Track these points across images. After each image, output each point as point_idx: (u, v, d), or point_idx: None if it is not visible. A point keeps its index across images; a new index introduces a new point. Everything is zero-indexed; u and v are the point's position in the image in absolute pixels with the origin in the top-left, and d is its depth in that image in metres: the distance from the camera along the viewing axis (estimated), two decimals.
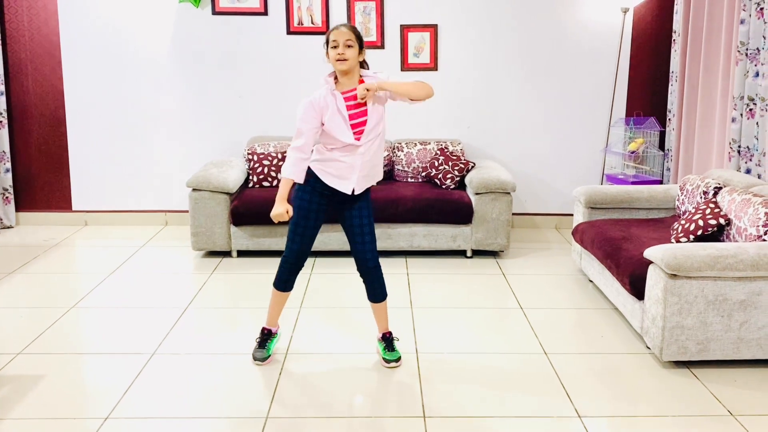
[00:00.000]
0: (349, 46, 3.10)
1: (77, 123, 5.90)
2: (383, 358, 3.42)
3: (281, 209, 3.20)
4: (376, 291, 3.40)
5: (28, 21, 5.72)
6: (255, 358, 3.42)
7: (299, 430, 2.83)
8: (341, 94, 3.16)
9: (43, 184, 6.00)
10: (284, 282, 3.41)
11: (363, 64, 3.26)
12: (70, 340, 3.71)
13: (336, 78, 3.20)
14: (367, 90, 3.11)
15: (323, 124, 3.15)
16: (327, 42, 3.16)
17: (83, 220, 6.05)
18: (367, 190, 3.34)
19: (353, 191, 3.24)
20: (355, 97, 3.16)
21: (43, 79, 5.82)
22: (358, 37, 3.14)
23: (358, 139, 3.15)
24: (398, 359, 3.41)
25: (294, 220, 3.28)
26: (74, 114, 5.88)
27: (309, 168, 3.24)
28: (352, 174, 3.20)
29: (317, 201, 3.26)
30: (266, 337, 3.48)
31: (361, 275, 3.39)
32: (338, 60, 3.10)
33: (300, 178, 3.20)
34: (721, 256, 3.25)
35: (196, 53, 5.81)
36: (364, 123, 3.17)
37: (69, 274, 4.82)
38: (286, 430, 2.83)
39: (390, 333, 3.49)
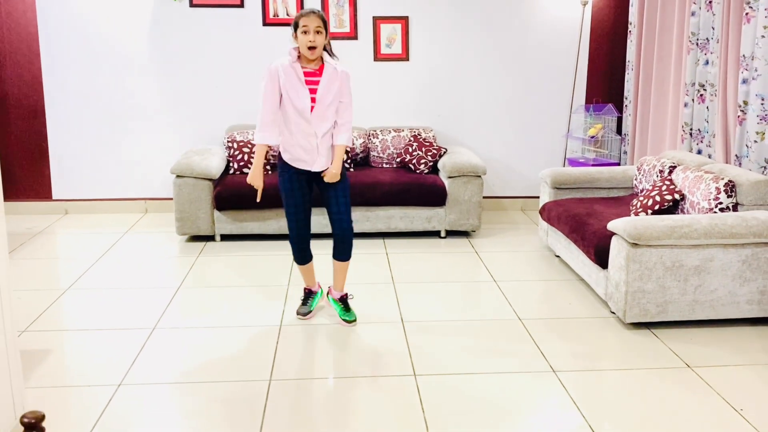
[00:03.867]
0: (318, 33, 3.42)
1: (56, 113, 6.00)
2: (343, 319, 3.80)
3: (257, 180, 3.55)
4: (345, 250, 3.74)
5: (5, 13, 5.80)
6: (298, 313, 3.84)
7: (302, 390, 3.07)
8: (303, 67, 3.50)
9: (24, 173, 6.09)
10: (301, 257, 3.79)
11: (326, 48, 3.58)
12: (71, 318, 3.88)
13: (299, 54, 3.51)
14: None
15: (281, 92, 3.47)
16: (296, 25, 3.45)
17: (63, 209, 6.16)
18: (343, 171, 3.67)
19: (320, 169, 3.59)
20: (312, 74, 3.48)
21: (21, 70, 5.91)
22: (326, 24, 3.46)
23: (311, 111, 3.47)
24: (355, 320, 3.80)
25: (284, 203, 3.64)
26: (53, 104, 5.99)
27: (278, 156, 3.62)
28: (310, 153, 3.53)
29: (296, 179, 3.61)
30: (308, 295, 3.92)
31: (335, 236, 3.71)
32: (309, 47, 3.42)
33: (273, 140, 3.51)
34: (677, 226, 3.60)
35: (174, 44, 5.97)
36: (313, 100, 3.48)
37: (58, 260, 4.96)
38: (289, 390, 3.07)
39: (346, 295, 3.88)
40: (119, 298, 4.16)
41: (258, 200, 3.74)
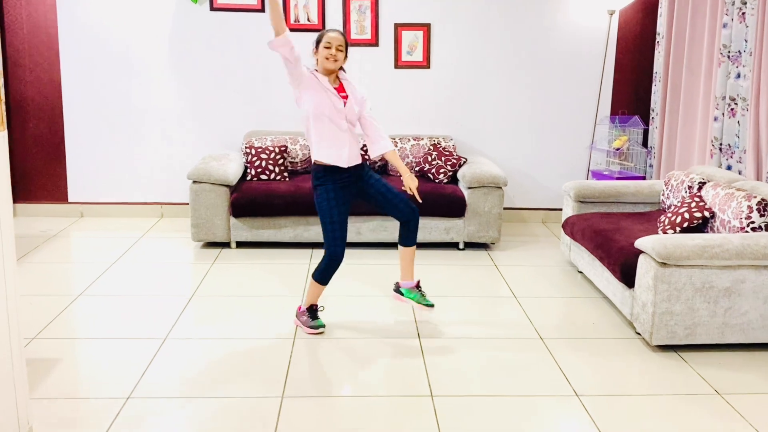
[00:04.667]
0: (339, 50, 3.48)
1: (74, 115, 5.96)
2: (424, 304, 3.79)
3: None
4: (415, 234, 3.77)
5: (26, 14, 5.77)
6: (314, 327, 3.72)
7: (315, 409, 2.97)
8: (328, 82, 3.54)
9: (40, 175, 6.06)
10: (329, 277, 3.70)
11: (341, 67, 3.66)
12: (82, 326, 3.81)
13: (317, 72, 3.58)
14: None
15: (302, 91, 3.49)
16: (319, 41, 3.51)
17: (79, 212, 6.12)
18: (367, 168, 3.71)
19: (350, 165, 3.58)
20: (337, 89, 3.55)
21: (40, 71, 5.88)
22: (347, 46, 3.55)
23: (345, 106, 3.52)
24: (433, 305, 3.82)
25: (326, 217, 3.56)
26: (71, 106, 5.95)
27: (316, 165, 3.59)
28: (343, 147, 3.53)
29: (340, 190, 3.57)
30: (315, 311, 3.80)
31: (407, 221, 3.73)
32: (329, 59, 3.47)
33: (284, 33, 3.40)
34: (708, 246, 3.46)
35: (194, 48, 5.91)
36: (345, 98, 3.55)
37: (71, 264, 4.91)
38: (302, 408, 2.97)
39: (419, 282, 3.87)
40: (131, 306, 4.09)
41: None
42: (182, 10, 5.84)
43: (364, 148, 5.37)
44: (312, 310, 3.78)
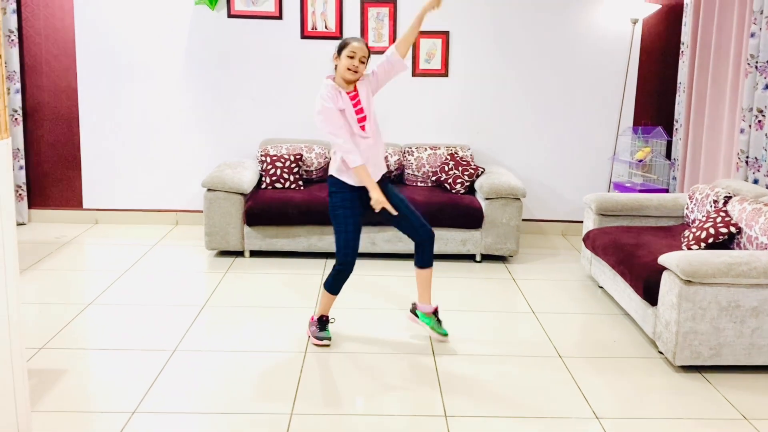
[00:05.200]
0: (362, 62, 3.42)
1: (90, 121, 5.94)
2: (438, 332, 3.72)
3: (381, 195, 3.44)
4: (431, 255, 3.68)
5: (44, 19, 5.76)
6: (319, 339, 3.63)
7: (324, 427, 2.88)
8: (346, 95, 3.48)
9: (55, 181, 6.04)
10: (340, 286, 3.63)
11: None
12: (90, 336, 3.75)
13: (333, 79, 3.50)
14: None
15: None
16: (342, 48, 3.43)
17: (94, 218, 6.09)
18: (386, 182, 3.62)
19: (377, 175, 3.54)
20: (351, 95, 3.45)
21: (57, 77, 5.87)
22: (369, 56, 3.48)
23: (363, 129, 3.44)
24: (447, 335, 3.74)
25: (340, 226, 3.49)
26: (87, 112, 5.93)
27: (332, 177, 3.53)
28: (366, 164, 3.45)
29: (357, 200, 3.51)
30: (327, 321, 3.72)
31: (422, 242, 3.64)
32: (350, 70, 3.40)
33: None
34: (735, 264, 3.33)
35: (211, 55, 5.87)
36: (363, 119, 3.46)
37: (83, 272, 4.86)
38: (311, 426, 2.88)
39: (437, 308, 3.76)
40: (142, 316, 4.03)
41: (395, 214, 3.53)
42: (199, 16, 5.80)
43: (397, 171, 5.43)
44: (322, 321, 3.70)
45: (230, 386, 3.21)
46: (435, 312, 3.75)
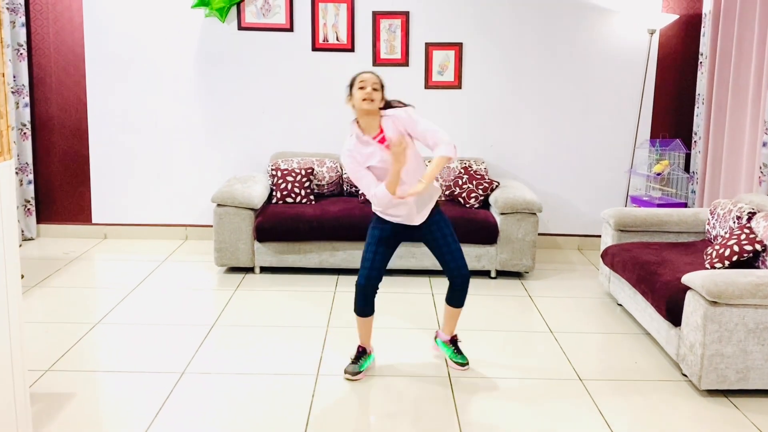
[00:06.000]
0: (375, 90, 3.22)
1: (99, 135, 5.88)
2: (454, 362, 3.59)
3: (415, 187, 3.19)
4: (463, 297, 3.55)
5: (53, 33, 5.72)
6: (346, 372, 3.45)
7: None
8: (368, 139, 3.26)
9: (64, 196, 5.98)
10: (362, 309, 3.45)
11: (391, 105, 3.35)
12: (98, 358, 3.67)
13: (358, 122, 3.29)
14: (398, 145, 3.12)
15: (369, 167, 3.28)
16: (351, 84, 3.26)
17: (103, 233, 6.02)
18: (437, 210, 3.42)
19: (421, 221, 3.37)
20: (382, 140, 3.25)
21: (66, 91, 5.82)
22: (383, 85, 3.28)
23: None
24: (467, 363, 3.59)
25: (366, 247, 3.38)
26: (97, 126, 5.87)
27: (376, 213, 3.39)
28: (408, 208, 3.29)
29: (389, 229, 3.38)
30: (361, 353, 3.52)
31: (454, 284, 3.50)
32: (365, 99, 3.19)
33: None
34: (763, 284, 3.21)
35: (221, 68, 5.81)
36: None
37: (91, 289, 4.79)
38: None
39: (456, 336, 3.66)
40: (150, 336, 3.94)
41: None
42: (210, 29, 5.74)
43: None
44: (359, 352, 3.52)
45: (240, 411, 3.11)
46: (452, 341, 3.64)
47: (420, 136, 3.28)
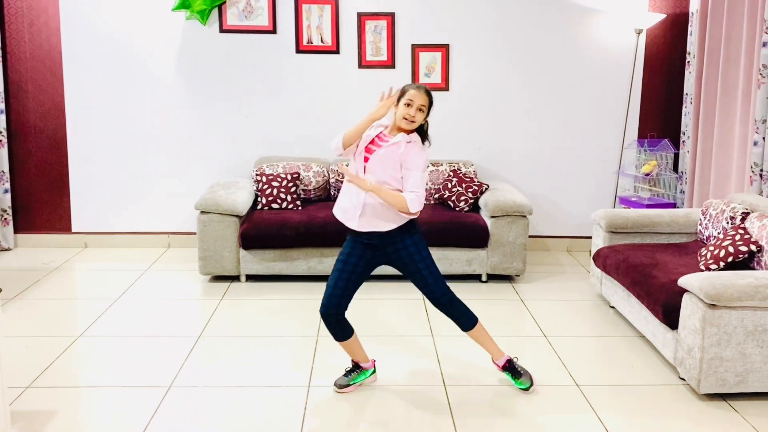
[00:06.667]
0: (420, 110, 3.10)
1: (78, 142, 5.74)
2: (517, 386, 3.37)
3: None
4: (460, 321, 3.34)
5: (29, 37, 5.57)
6: (336, 384, 3.34)
7: None
8: (383, 135, 3.19)
9: (43, 204, 5.82)
10: (334, 334, 3.29)
11: (423, 128, 3.22)
12: (80, 373, 3.54)
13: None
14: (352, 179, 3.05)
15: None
16: (401, 95, 3.14)
17: (83, 242, 5.87)
18: (409, 235, 3.20)
19: (357, 228, 3.16)
20: (386, 142, 3.17)
21: (44, 97, 5.67)
22: (431, 104, 3.14)
23: (366, 160, 3.16)
24: (530, 386, 3.35)
25: (333, 269, 3.23)
26: (75, 133, 5.73)
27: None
28: (355, 210, 3.15)
29: (359, 248, 3.20)
30: (354, 368, 3.39)
31: (440, 311, 3.33)
32: (406, 119, 3.10)
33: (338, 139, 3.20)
34: (761, 285, 3.16)
35: (203, 71, 5.69)
36: (369, 154, 3.17)
37: (72, 300, 4.65)
38: None
39: (508, 362, 3.38)
40: (134, 349, 3.81)
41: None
42: (190, 32, 5.62)
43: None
44: (352, 366, 3.40)
45: (231, 426, 3.00)
46: (505, 367, 3.38)
47: (404, 174, 3.10)
